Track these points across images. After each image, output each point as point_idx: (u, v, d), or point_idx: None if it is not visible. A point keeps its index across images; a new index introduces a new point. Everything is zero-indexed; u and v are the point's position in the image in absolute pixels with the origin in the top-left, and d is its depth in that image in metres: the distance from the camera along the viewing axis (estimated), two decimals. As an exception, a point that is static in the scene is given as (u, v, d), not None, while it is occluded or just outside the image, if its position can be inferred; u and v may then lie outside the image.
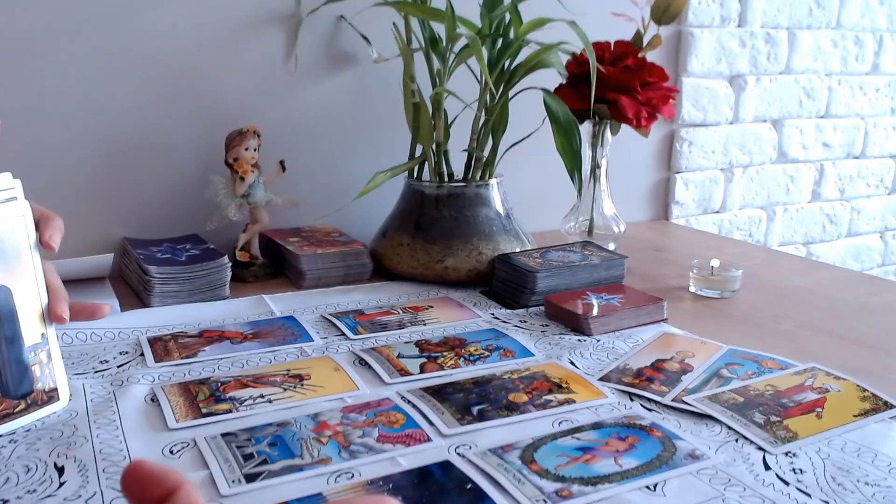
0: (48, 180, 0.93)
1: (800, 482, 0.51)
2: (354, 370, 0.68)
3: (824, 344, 0.77)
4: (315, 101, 1.07)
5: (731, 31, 1.38)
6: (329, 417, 0.59)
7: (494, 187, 0.95)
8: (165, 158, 0.99)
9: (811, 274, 1.02)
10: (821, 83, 1.51)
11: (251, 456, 0.53)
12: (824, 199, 1.60)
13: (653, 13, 1.00)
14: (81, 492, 0.49)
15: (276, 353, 0.72)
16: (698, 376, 0.67)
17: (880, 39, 1.57)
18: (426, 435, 0.56)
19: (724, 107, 1.41)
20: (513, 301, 0.87)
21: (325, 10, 1.00)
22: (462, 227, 0.93)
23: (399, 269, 0.94)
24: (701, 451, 0.55)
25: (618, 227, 1.07)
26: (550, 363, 0.70)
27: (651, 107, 0.98)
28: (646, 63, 0.99)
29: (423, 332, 0.78)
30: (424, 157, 0.96)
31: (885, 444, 0.56)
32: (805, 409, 0.61)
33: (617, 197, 1.09)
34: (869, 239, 1.69)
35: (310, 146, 1.07)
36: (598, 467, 0.52)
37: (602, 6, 1.02)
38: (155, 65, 0.96)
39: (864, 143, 1.61)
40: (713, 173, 1.43)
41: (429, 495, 0.49)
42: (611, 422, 0.59)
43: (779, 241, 1.55)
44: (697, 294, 0.92)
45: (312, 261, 0.92)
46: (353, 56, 1.07)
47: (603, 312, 0.79)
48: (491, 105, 0.94)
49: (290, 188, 0.99)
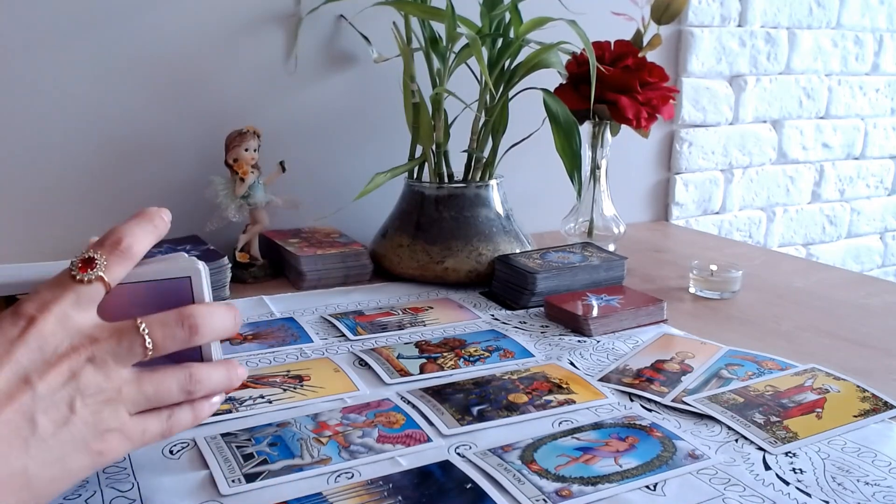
0: (48, 181, 0.93)
1: (800, 482, 0.51)
2: (354, 371, 0.68)
3: (824, 345, 0.77)
4: (315, 101, 1.07)
5: (731, 31, 1.38)
6: (329, 418, 0.59)
7: (494, 188, 0.95)
8: (165, 159, 0.99)
9: (811, 275, 1.02)
10: (821, 83, 1.51)
11: (251, 456, 0.53)
12: (824, 200, 1.60)
13: (653, 13, 1.00)
14: (81, 492, 0.49)
15: (276, 354, 0.72)
16: (698, 377, 0.67)
17: (880, 39, 1.57)
18: (426, 435, 0.56)
19: (724, 107, 1.41)
20: (513, 302, 0.87)
21: (324, 9, 1.00)
22: (462, 227, 0.93)
23: (399, 270, 0.94)
24: (701, 451, 0.55)
25: (618, 228, 1.07)
26: (550, 364, 0.70)
27: (651, 107, 0.98)
28: (646, 63, 0.99)
29: (423, 332, 0.78)
30: (424, 158, 0.96)
31: (885, 444, 0.56)
32: (805, 409, 0.61)
33: (617, 198, 1.09)
34: (869, 240, 1.69)
35: (310, 146, 1.07)
36: (598, 467, 0.52)
37: (602, 6, 1.02)
38: (154, 65, 0.96)
39: (864, 144, 1.61)
40: (713, 174, 1.43)
41: (429, 495, 0.49)
42: (611, 422, 0.59)
43: (779, 242, 1.55)
44: (697, 295, 0.92)
45: (312, 262, 0.92)
46: (353, 56, 1.07)
47: (603, 313, 0.79)
48: (491, 105, 0.94)
49: (290, 189, 0.99)
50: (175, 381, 0.45)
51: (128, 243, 0.45)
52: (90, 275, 0.43)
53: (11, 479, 0.38)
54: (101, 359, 0.42)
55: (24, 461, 0.39)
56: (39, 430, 0.39)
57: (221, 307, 0.47)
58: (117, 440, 0.43)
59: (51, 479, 0.40)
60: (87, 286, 0.43)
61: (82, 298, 0.42)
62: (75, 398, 0.41)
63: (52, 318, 0.41)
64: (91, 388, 0.41)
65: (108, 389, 0.42)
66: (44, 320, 0.41)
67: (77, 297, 0.42)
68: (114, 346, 0.42)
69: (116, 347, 0.42)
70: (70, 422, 0.40)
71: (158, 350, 0.43)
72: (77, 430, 0.41)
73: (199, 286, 0.47)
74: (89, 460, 0.42)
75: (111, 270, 0.44)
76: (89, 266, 0.43)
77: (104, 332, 0.43)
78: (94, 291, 0.43)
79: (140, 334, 0.43)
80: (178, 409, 0.46)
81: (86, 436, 0.41)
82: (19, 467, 0.39)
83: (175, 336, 0.44)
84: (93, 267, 0.43)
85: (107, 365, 0.42)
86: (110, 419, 0.42)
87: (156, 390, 0.44)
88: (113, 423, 0.42)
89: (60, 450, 0.40)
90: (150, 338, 0.43)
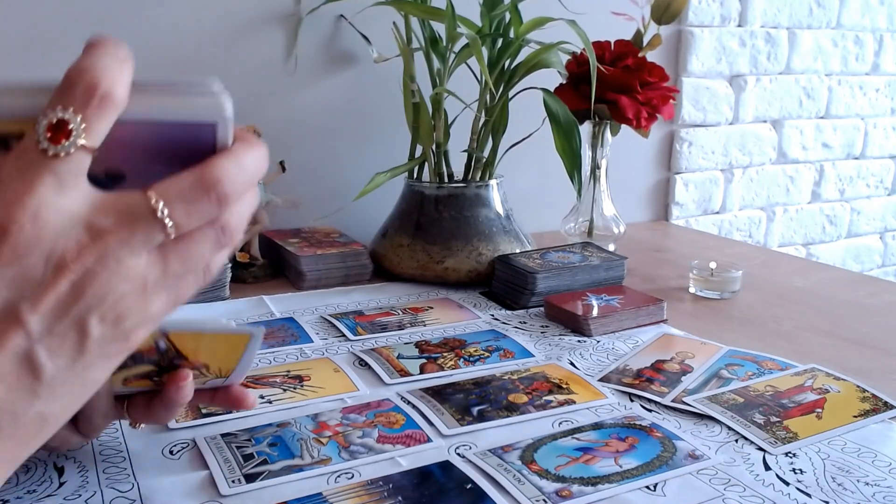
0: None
1: (800, 482, 0.51)
2: (354, 371, 0.68)
3: (824, 344, 0.77)
4: (315, 101, 1.07)
5: (731, 31, 1.38)
6: (329, 418, 0.59)
7: (494, 188, 0.95)
8: (165, 159, 0.99)
9: (811, 275, 1.02)
10: (821, 83, 1.51)
11: (251, 456, 0.53)
12: (824, 200, 1.60)
13: (653, 13, 1.00)
14: (81, 492, 0.49)
15: (276, 354, 0.72)
16: (698, 377, 0.67)
17: (880, 39, 1.57)
18: (426, 435, 0.56)
19: (724, 107, 1.41)
20: (513, 302, 0.87)
21: (324, 9, 1.00)
22: (462, 227, 0.93)
23: (399, 270, 0.94)
24: (701, 451, 0.55)
25: (618, 227, 1.07)
26: (550, 364, 0.70)
27: (651, 107, 0.98)
28: (646, 63, 0.99)
29: (423, 332, 0.78)
30: (424, 158, 0.96)
31: (885, 445, 0.56)
32: (805, 409, 0.61)
33: (617, 198, 1.09)
34: (869, 240, 1.69)
35: (310, 146, 1.07)
36: (598, 467, 0.52)
37: (602, 5, 1.02)
38: (154, 65, 0.96)
39: (864, 144, 1.61)
40: (713, 174, 1.43)
41: (429, 495, 0.49)
42: (611, 422, 0.59)
43: (779, 242, 1.55)
44: (697, 295, 0.92)
45: (312, 262, 0.92)
46: (353, 56, 1.07)
47: (603, 313, 0.79)
48: (491, 105, 0.94)
49: (290, 188, 0.99)
50: (205, 240, 0.35)
51: (106, 87, 0.32)
52: (67, 146, 0.31)
53: (27, 427, 0.32)
54: (114, 257, 0.32)
55: (35, 407, 0.32)
56: (46, 373, 0.31)
57: (250, 154, 0.35)
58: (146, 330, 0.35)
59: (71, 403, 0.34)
60: (65, 160, 0.31)
61: (64, 178, 0.31)
62: (87, 317, 0.32)
63: (29, 218, 0.30)
64: (105, 298, 0.32)
65: (129, 291, 0.33)
66: (18, 226, 0.30)
67: (57, 178, 0.31)
68: (126, 237, 0.32)
69: (130, 239, 0.32)
70: (86, 348, 0.32)
71: (181, 231, 0.33)
72: (97, 351, 0.32)
73: (225, 137, 0.35)
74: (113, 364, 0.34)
75: (93, 133, 0.32)
76: (63, 134, 0.31)
77: (109, 218, 0.32)
78: (77, 164, 0.32)
79: (158, 219, 0.33)
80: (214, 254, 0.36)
81: (108, 350, 0.33)
82: (32, 415, 0.32)
83: (202, 212, 0.34)
84: (68, 135, 0.31)
85: (121, 263, 0.32)
86: (138, 321, 0.33)
87: (184, 265, 0.34)
88: (140, 319, 0.34)
89: (79, 378, 0.33)
90: (171, 219, 0.33)
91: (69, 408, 0.34)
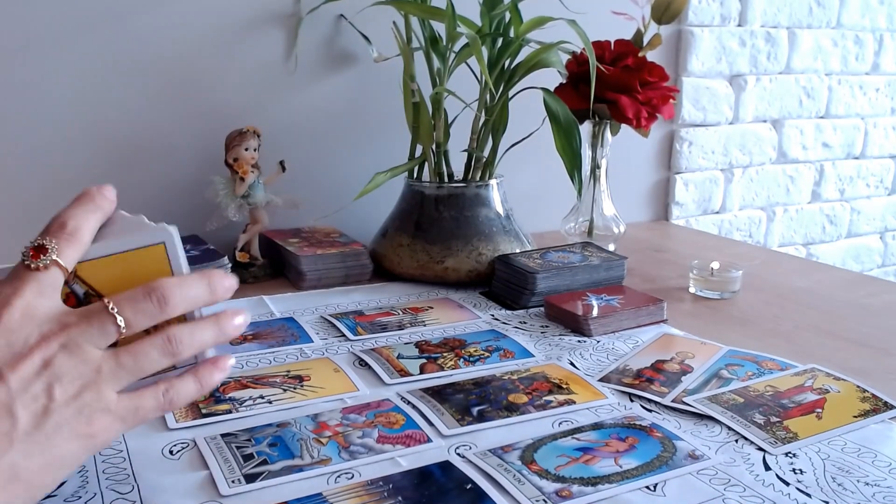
0: (48, 182, 0.93)
1: (800, 482, 0.51)
2: (354, 371, 0.68)
3: (824, 345, 0.77)
4: (315, 101, 1.07)
5: (731, 31, 1.38)
6: (329, 418, 0.59)
7: (494, 188, 0.95)
8: (165, 159, 0.99)
9: (811, 275, 1.02)
10: (821, 83, 1.51)
11: (251, 456, 0.53)
12: (824, 200, 1.60)
13: (653, 12, 1.00)
14: (81, 492, 0.49)
15: (276, 354, 0.72)
16: (698, 377, 0.67)
17: (880, 39, 1.57)
18: (426, 435, 0.56)
19: (724, 107, 1.41)
20: (513, 302, 0.87)
21: (324, 9, 1.00)
22: (462, 227, 0.92)
23: (399, 270, 0.94)
24: (701, 451, 0.55)
25: (618, 227, 1.07)
26: (550, 364, 0.70)
27: (651, 107, 0.98)
28: (646, 62, 0.99)
29: (423, 332, 0.78)
30: (424, 158, 0.96)
31: (885, 445, 0.56)
32: (805, 409, 0.61)
33: (617, 197, 1.09)
34: (869, 240, 1.69)
35: (310, 146, 1.07)
36: (598, 468, 0.52)
37: (602, 5, 1.02)
38: (154, 65, 0.96)
39: (864, 144, 1.61)
40: (713, 174, 1.43)
41: (429, 495, 0.49)
42: (611, 422, 0.59)
43: (779, 242, 1.55)
44: (697, 295, 0.92)
45: (312, 262, 0.92)
46: (353, 55, 1.07)
47: (603, 313, 0.79)
48: (491, 105, 0.94)
49: (290, 188, 0.99)
50: (153, 346, 0.43)
51: (73, 226, 0.44)
52: (44, 260, 0.42)
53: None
54: (75, 343, 0.41)
55: (10, 456, 0.39)
56: (21, 424, 0.39)
57: (191, 276, 0.46)
58: (108, 421, 0.42)
59: (42, 468, 0.40)
60: (44, 273, 0.42)
61: (43, 286, 0.42)
62: (53, 385, 0.40)
63: (16, 310, 0.41)
64: (67, 373, 0.41)
65: (86, 372, 0.41)
66: (7, 314, 0.41)
67: (38, 285, 0.42)
68: (85, 329, 0.42)
69: (88, 330, 0.42)
70: (51, 410, 0.40)
71: (132, 327, 0.43)
72: (60, 416, 0.40)
73: (174, 251, 0.46)
74: (80, 445, 0.41)
75: (63, 254, 0.43)
76: (41, 252, 0.43)
77: (73, 317, 0.42)
78: (53, 278, 0.43)
79: (110, 314, 0.42)
80: (179, 380, 0.45)
81: (71, 421, 0.41)
82: (6, 462, 0.39)
83: (145, 311, 0.43)
84: (45, 252, 0.43)
85: (80, 348, 0.41)
86: (94, 401, 0.41)
87: (135, 360, 0.43)
88: (98, 404, 0.42)
89: (47, 439, 0.40)
90: (121, 316, 0.42)
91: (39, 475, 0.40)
